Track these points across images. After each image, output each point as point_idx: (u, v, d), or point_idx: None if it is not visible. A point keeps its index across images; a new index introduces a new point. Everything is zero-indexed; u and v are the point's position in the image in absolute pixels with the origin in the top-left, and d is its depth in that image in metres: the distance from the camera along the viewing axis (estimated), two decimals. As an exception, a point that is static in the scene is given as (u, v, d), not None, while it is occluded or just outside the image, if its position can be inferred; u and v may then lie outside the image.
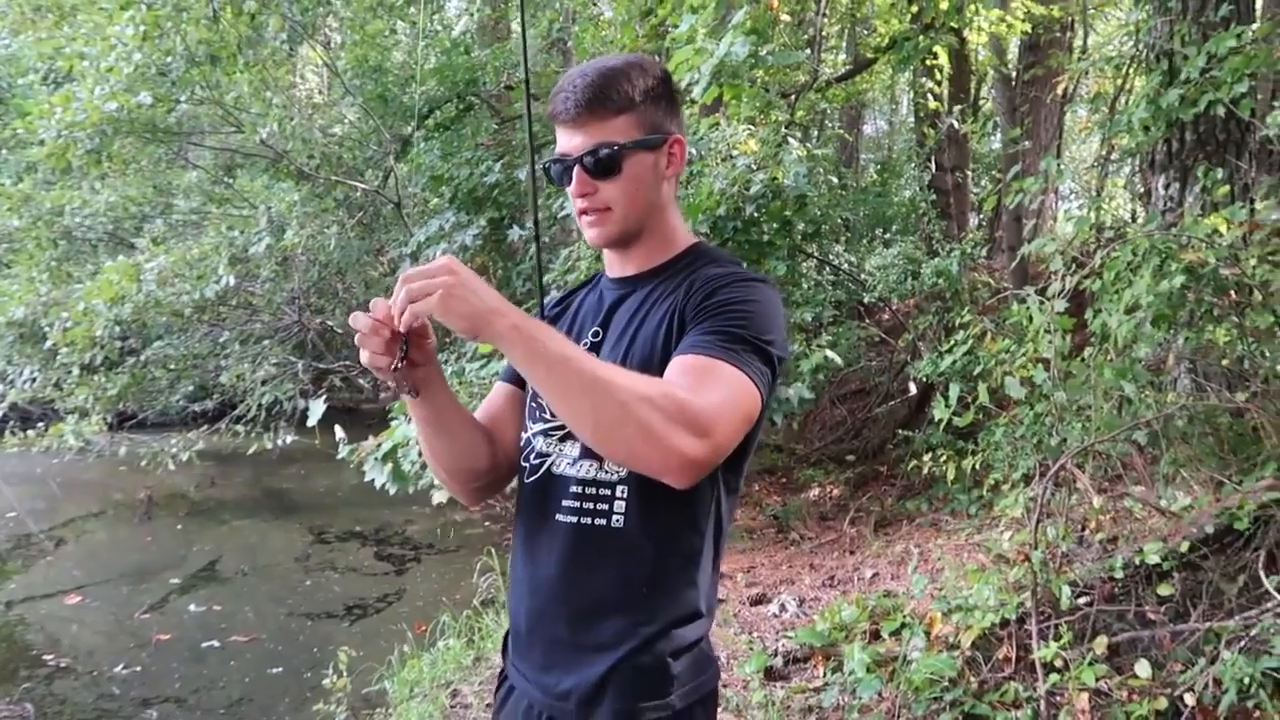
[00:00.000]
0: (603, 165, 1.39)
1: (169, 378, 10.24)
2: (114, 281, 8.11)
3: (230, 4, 7.85)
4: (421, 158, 8.52)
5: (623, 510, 1.38)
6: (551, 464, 1.45)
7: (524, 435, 1.54)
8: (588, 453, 1.40)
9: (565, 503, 1.41)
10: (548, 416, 1.47)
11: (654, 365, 1.35)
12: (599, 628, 1.39)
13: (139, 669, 5.29)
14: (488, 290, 1.18)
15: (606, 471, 1.39)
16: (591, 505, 1.39)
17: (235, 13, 7.97)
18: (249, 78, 8.64)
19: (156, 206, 11.28)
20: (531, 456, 1.49)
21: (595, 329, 1.50)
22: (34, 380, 9.28)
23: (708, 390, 1.23)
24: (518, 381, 1.60)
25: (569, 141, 1.41)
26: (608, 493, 1.39)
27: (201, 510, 9.60)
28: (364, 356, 1.26)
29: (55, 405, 9.56)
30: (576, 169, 1.40)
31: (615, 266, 1.54)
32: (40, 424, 9.11)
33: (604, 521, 1.38)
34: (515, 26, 11.37)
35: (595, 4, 11.27)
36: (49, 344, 8.48)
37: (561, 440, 1.45)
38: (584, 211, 1.44)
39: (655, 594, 1.38)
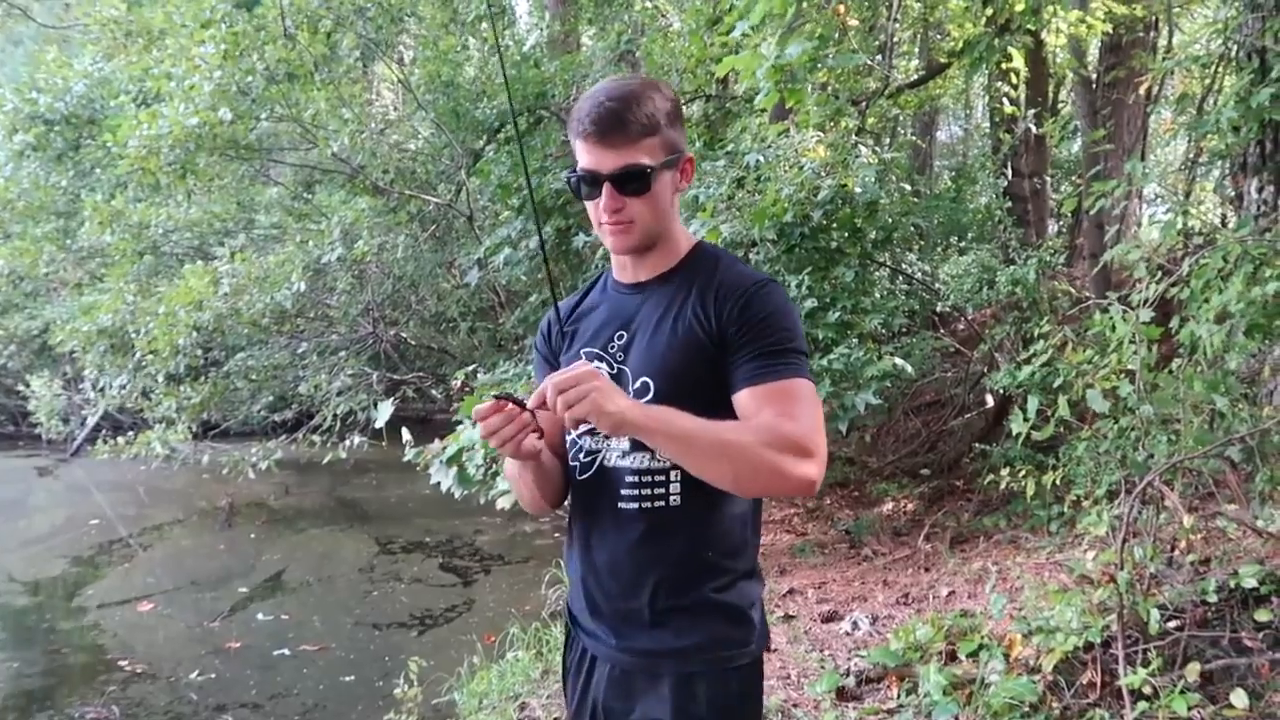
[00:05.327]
0: (634, 185, 1.51)
1: (250, 388, 10.55)
2: (193, 286, 8.37)
3: (306, 23, 8.05)
4: (489, 168, 8.58)
5: (678, 490, 1.54)
6: (603, 459, 1.60)
7: (567, 439, 1.68)
8: (639, 445, 1.54)
9: (624, 491, 1.56)
10: None
11: (681, 356, 1.52)
12: (680, 592, 1.55)
13: (213, 675, 5.40)
14: (622, 393, 1.38)
15: (659, 460, 1.54)
16: (649, 490, 1.55)
17: (311, 31, 8.19)
18: (325, 95, 8.85)
19: (239, 222, 11.64)
20: (581, 455, 1.64)
21: (620, 331, 1.62)
22: (124, 388, 9.63)
23: (797, 413, 1.43)
24: None
25: (596, 159, 1.51)
26: (662, 477, 1.55)
27: (279, 518, 9.84)
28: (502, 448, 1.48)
29: (144, 414, 9.91)
30: (606, 185, 1.51)
31: (628, 273, 1.65)
32: (130, 432, 9.46)
33: (663, 503, 1.55)
34: (585, 40, 11.45)
35: (664, 15, 11.27)
36: (137, 354, 8.78)
37: (607, 436, 1.58)
38: (610, 223, 1.55)
39: (721, 555, 1.57)
